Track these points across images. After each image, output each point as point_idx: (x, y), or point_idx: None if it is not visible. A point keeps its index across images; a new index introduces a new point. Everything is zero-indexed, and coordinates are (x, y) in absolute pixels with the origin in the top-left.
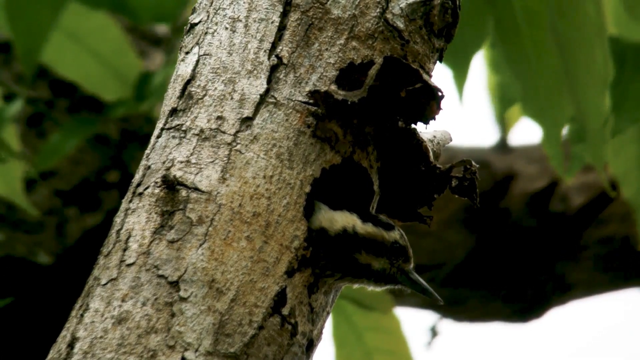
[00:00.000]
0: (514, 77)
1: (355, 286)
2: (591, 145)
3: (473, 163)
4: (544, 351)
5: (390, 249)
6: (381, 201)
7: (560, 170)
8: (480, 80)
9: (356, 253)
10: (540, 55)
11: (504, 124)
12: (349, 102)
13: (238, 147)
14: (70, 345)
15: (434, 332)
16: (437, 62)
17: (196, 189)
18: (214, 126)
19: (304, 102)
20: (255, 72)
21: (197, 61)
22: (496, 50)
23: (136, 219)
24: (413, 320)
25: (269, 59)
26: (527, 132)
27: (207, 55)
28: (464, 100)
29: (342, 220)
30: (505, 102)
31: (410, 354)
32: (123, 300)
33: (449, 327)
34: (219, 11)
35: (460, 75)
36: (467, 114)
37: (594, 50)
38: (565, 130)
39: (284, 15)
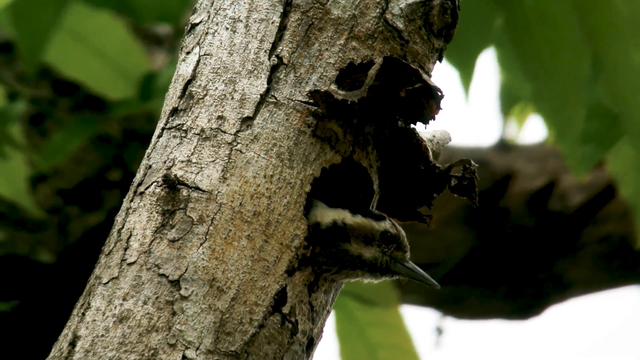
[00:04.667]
0: (525, 77)
1: (353, 280)
2: (633, 136)
3: (472, 162)
4: (543, 349)
5: (380, 238)
6: (381, 200)
7: (577, 169)
8: (482, 79)
9: (346, 243)
10: (555, 55)
11: (506, 123)
12: (349, 102)
13: (239, 146)
14: (72, 344)
15: (439, 331)
16: (437, 62)
17: (197, 189)
18: (214, 126)
19: (304, 102)
20: (255, 72)
21: (198, 61)
22: (504, 49)
23: (137, 218)
24: (413, 319)
25: (269, 59)
26: (526, 132)
27: (208, 55)
28: (470, 100)
29: (332, 214)
30: (510, 101)
31: (415, 348)
32: (124, 299)
33: (449, 325)
34: (219, 11)
35: (467, 74)
36: (467, 113)
37: (629, 45)
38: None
39: (284, 15)
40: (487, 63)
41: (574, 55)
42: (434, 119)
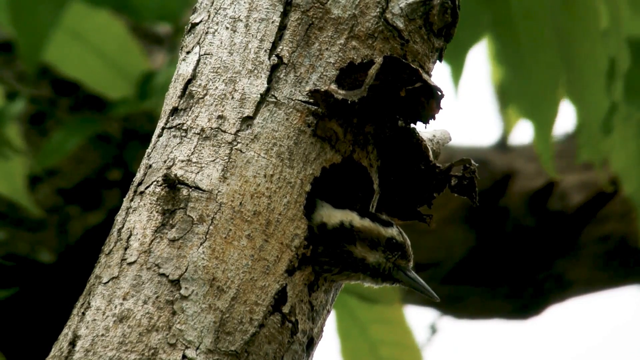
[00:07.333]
0: (508, 72)
1: (353, 282)
2: (589, 140)
3: (472, 162)
4: (543, 348)
5: (386, 244)
6: (381, 200)
7: (549, 168)
8: (481, 77)
9: (351, 245)
10: (536, 51)
11: (505, 120)
12: (349, 102)
13: (239, 146)
14: (72, 343)
15: (433, 330)
16: (437, 61)
17: (197, 188)
18: (214, 125)
19: (305, 102)
20: (255, 71)
21: (198, 61)
22: (494, 44)
23: (137, 218)
24: (413, 318)
25: (269, 58)
26: (526, 131)
27: (208, 54)
28: (460, 95)
29: (340, 215)
30: (506, 97)
31: (416, 344)
32: (124, 299)
33: (449, 325)
34: (219, 11)
35: (457, 69)
36: (467, 112)
37: (597, 44)
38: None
39: (285, 15)
40: (485, 60)
41: (553, 53)
42: (434, 119)
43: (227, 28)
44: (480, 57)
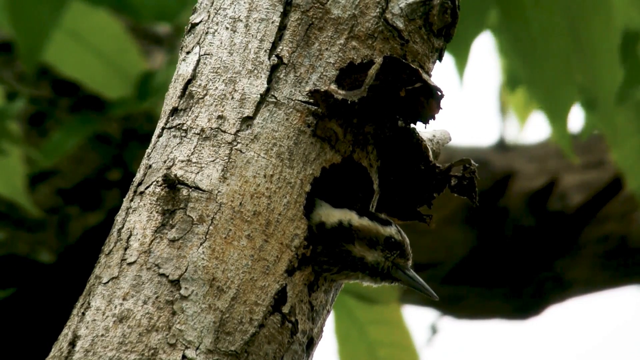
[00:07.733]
0: (520, 62)
1: (352, 281)
2: (603, 113)
3: (472, 162)
4: (543, 349)
5: (384, 243)
6: (381, 200)
7: (569, 152)
8: (482, 76)
9: (349, 244)
10: (548, 38)
11: (505, 119)
12: (349, 102)
13: (239, 146)
14: (72, 344)
15: (434, 330)
16: (437, 61)
17: (197, 188)
18: (214, 125)
19: (304, 102)
20: (255, 71)
21: (198, 61)
22: (502, 35)
23: (137, 218)
24: (413, 318)
25: (269, 58)
26: (526, 130)
27: (208, 55)
28: (464, 86)
29: (339, 214)
30: (513, 84)
31: (414, 345)
32: (124, 299)
33: (449, 325)
34: (219, 11)
35: (461, 60)
36: (467, 111)
37: (608, 17)
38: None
39: (284, 15)
40: (488, 57)
41: (566, 39)
42: (434, 119)
43: (227, 28)
44: (482, 55)
